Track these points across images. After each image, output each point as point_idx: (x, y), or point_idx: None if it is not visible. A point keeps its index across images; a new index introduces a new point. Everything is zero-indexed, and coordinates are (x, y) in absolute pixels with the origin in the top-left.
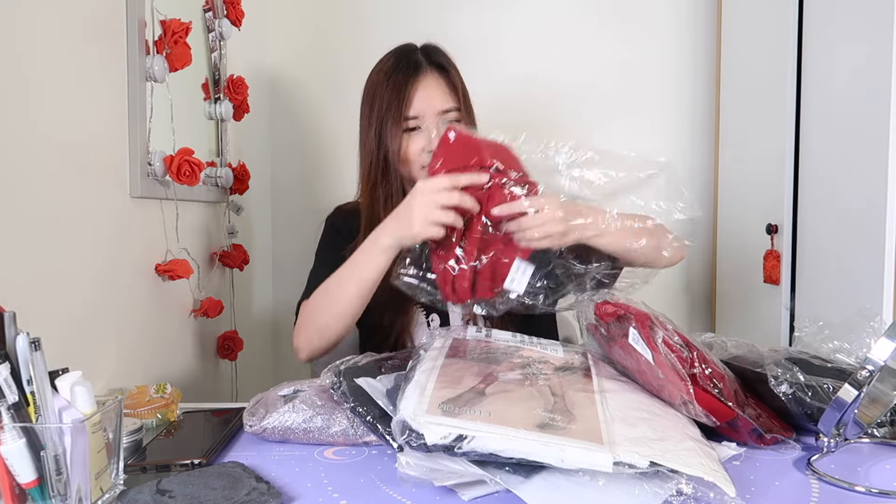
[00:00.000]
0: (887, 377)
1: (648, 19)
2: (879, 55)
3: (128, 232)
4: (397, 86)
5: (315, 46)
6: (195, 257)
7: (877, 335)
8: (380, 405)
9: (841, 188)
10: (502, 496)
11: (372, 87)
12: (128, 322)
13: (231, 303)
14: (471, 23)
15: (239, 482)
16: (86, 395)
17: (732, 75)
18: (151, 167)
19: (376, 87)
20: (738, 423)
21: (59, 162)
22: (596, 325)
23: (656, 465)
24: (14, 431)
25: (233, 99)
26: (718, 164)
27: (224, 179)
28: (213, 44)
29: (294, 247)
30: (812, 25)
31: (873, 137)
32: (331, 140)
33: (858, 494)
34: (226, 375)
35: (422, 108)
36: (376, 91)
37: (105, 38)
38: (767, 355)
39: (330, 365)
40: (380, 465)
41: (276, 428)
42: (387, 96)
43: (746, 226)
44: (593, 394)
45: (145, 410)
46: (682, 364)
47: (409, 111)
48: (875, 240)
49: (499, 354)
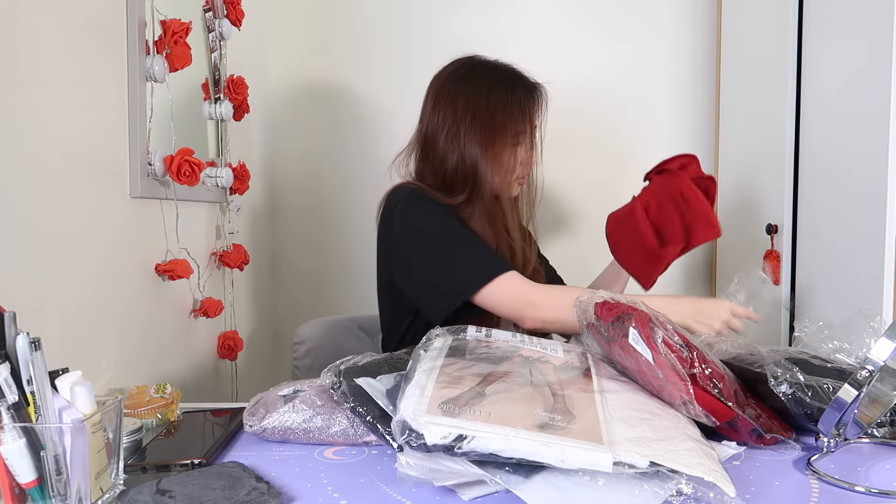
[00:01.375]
0: (887, 377)
1: (648, 19)
2: (879, 55)
3: (128, 232)
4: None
5: (315, 46)
6: (195, 257)
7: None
8: (380, 405)
9: (841, 188)
10: (502, 496)
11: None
12: (128, 322)
13: (231, 303)
14: (471, 23)
15: (239, 482)
16: (86, 395)
17: (732, 75)
18: (151, 167)
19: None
20: (738, 423)
21: (59, 162)
22: (596, 325)
23: (656, 465)
24: (14, 431)
25: (233, 99)
26: (718, 163)
27: (224, 179)
28: (213, 44)
29: (294, 247)
30: (812, 25)
31: (873, 137)
32: (331, 140)
33: (858, 494)
34: (226, 375)
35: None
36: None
37: (105, 39)
38: (767, 355)
39: (330, 365)
40: (380, 465)
41: (276, 428)
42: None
43: (746, 226)
44: (593, 394)
45: (145, 410)
46: (682, 364)
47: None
48: (875, 240)
49: (499, 354)
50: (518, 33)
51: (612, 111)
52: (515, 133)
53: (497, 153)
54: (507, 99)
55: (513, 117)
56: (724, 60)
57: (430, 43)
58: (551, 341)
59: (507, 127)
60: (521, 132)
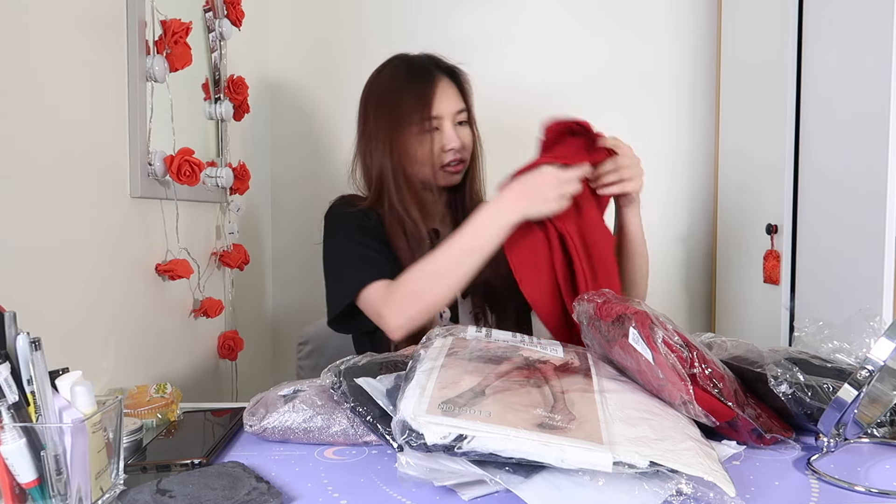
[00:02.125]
0: (887, 377)
1: (648, 19)
2: (880, 55)
3: (128, 232)
4: (420, 89)
5: (315, 46)
6: (195, 257)
7: (877, 335)
8: (380, 405)
9: (841, 188)
10: (502, 496)
11: (388, 92)
12: (128, 322)
13: (231, 303)
14: (471, 23)
15: (239, 482)
16: (86, 394)
17: (732, 75)
18: (151, 167)
19: (394, 91)
20: (738, 423)
21: (59, 162)
22: (596, 324)
23: (656, 465)
24: (14, 431)
25: (233, 99)
26: (718, 163)
27: (224, 179)
28: (213, 44)
29: (294, 247)
30: (812, 25)
31: (873, 137)
32: (331, 140)
33: (858, 494)
34: (226, 375)
35: (441, 110)
36: (395, 95)
37: (105, 38)
38: (767, 355)
39: (330, 365)
40: (380, 465)
41: (276, 428)
42: (410, 98)
43: (746, 226)
44: (593, 394)
45: (145, 410)
46: (681, 364)
47: (431, 112)
48: (875, 240)
49: (499, 354)
50: (518, 33)
51: (612, 111)
52: (420, 121)
53: (403, 145)
54: (403, 90)
55: (408, 107)
56: (724, 60)
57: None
58: (551, 341)
59: (404, 117)
60: (424, 119)
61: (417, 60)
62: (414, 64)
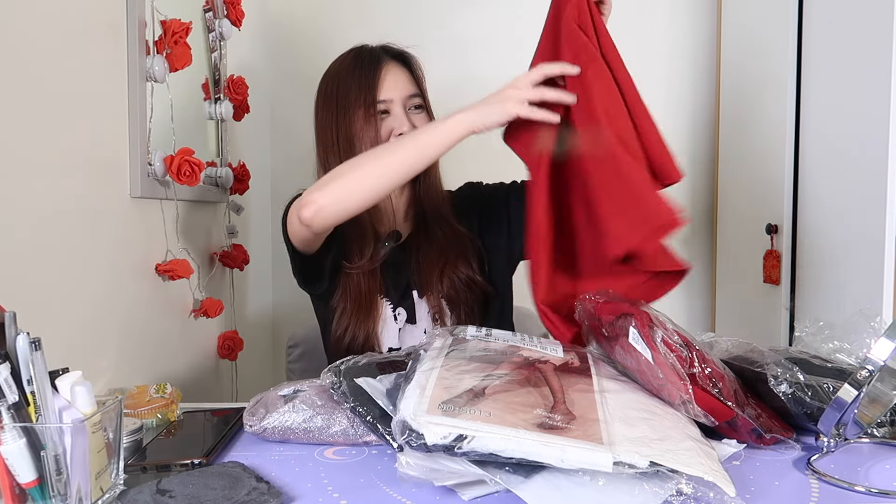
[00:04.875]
0: (887, 377)
1: (648, 19)
2: (879, 54)
3: (128, 232)
4: (365, 75)
5: (315, 46)
6: (195, 257)
7: (877, 335)
8: (380, 405)
9: (841, 188)
10: (502, 496)
11: (334, 81)
12: (128, 322)
13: (231, 303)
14: (471, 23)
15: (239, 482)
16: (86, 395)
17: (732, 75)
18: (151, 167)
19: (340, 79)
20: (738, 423)
21: (59, 162)
22: (596, 324)
23: (656, 465)
24: (14, 431)
25: (233, 99)
26: (718, 163)
27: (224, 179)
28: (213, 44)
29: None
30: (812, 24)
31: (873, 137)
32: None
33: (858, 494)
34: (226, 375)
35: (389, 94)
36: (340, 83)
37: (105, 38)
38: (767, 355)
39: (330, 365)
40: (380, 465)
41: (276, 428)
42: (355, 84)
43: (746, 226)
44: (593, 394)
45: (145, 410)
46: (681, 364)
47: (379, 96)
48: (875, 240)
49: (499, 354)
50: (518, 34)
51: None
52: (365, 105)
53: (349, 132)
54: (348, 76)
55: (353, 92)
56: (724, 60)
57: (432, 43)
58: (551, 341)
59: (351, 104)
60: (370, 104)
61: (366, 48)
62: (362, 52)
